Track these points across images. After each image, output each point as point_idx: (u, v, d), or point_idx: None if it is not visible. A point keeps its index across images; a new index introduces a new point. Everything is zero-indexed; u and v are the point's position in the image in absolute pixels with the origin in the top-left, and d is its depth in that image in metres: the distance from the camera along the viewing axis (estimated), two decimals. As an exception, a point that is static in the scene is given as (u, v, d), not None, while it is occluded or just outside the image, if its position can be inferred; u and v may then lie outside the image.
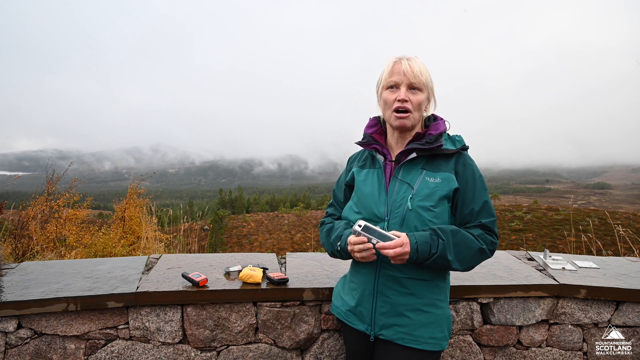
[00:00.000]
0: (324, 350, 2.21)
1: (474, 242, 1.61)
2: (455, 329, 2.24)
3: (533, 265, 2.58)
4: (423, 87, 1.66)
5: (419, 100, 1.66)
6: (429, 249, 1.55)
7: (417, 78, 1.64)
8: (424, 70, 1.66)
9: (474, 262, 1.64)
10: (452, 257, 1.57)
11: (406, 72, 1.64)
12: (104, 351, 2.06)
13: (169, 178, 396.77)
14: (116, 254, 5.61)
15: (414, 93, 1.66)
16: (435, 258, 1.56)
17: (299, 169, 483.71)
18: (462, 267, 1.62)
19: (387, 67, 1.70)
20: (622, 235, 4.46)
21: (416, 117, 1.69)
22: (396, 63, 1.67)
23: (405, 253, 1.53)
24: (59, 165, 7.23)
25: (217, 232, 40.52)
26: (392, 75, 1.67)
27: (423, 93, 1.67)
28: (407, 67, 1.64)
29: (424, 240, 1.55)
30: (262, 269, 2.28)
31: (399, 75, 1.65)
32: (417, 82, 1.64)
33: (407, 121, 1.67)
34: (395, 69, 1.67)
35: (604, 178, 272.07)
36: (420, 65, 1.66)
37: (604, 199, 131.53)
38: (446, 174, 1.67)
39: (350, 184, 1.87)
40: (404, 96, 1.64)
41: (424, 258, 1.56)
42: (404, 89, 1.65)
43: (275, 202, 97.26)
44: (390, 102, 1.68)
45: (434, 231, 1.58)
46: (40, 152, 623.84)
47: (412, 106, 1.65)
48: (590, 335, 2.29)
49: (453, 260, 1.58)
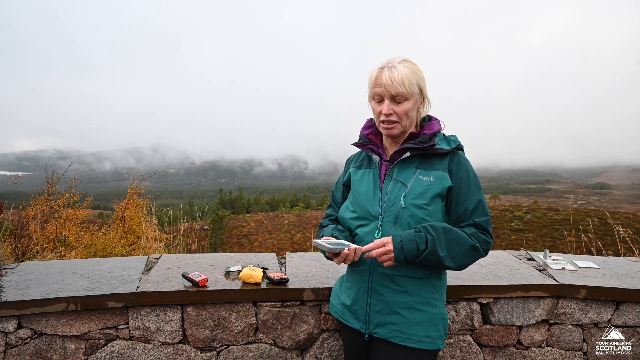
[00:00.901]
0: (324, 350, 2.21)
1: (467, 239, 1.61)
2: (455, 329, 2.24)
3: (533, 265, 2.58)
4: (408, 96, 1.64)
5: (405, 110, 1.65)
6: (416, 247, 1.55)
7: (398, 89, 1.61)
8: (407, 78, 1.61)
9: (467, 260, 1.63)
10: (444, 254, 1.57)
11: (387, 86, 1.61)
12: (104, 351, 2.06)
13: (169, 178, 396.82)
14: (116, 254, 5.62)
15: (398, 104, 1.65)
16: (426, 254, 1.56)
17: (299, 169, 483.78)
18: (455, 265, 1.61)
19: (371, 77, 1.69)
20: (622, 235, 4.46)
21: (405, 124, 1.69)
22: (378, 75, 1.65)
23: (389, 252, 1.56)
24: (59, 165, 7.23)
25: (217, 232, 40.52)
26: (375, 87, 1.66)
27: (409, 101, 1.65)
28: (387, 80, 1.61)
29: (409, 239, 1.56)
30: (262, 269, 2.28)
31: (381, 88, 1.64)
32: (399, 93, 1.62)
33: (395, 131, 1.68)
34: (377, 81, 1.65)
35: (604, 178, 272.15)
36: (403, 74, 1.61)
37: (604, 199, 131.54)
38: (440, 173, 1.67)
39: (348, 184, 1.89)
40: (386, 110, 1.64)
41: (414, 255, 1.56)
42: (387, 102, 1.64)
43: (275, 202, 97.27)
44: (377, 113, 1.70)
45: (424, 228, 1.59)
46: (40, 152, 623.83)
47: (397, 117, 1.65)
48: (590, 335, 2.29)
49: (445, 257, 1.57)
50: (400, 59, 1.66)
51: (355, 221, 1.75)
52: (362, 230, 1.72)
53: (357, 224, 1.74)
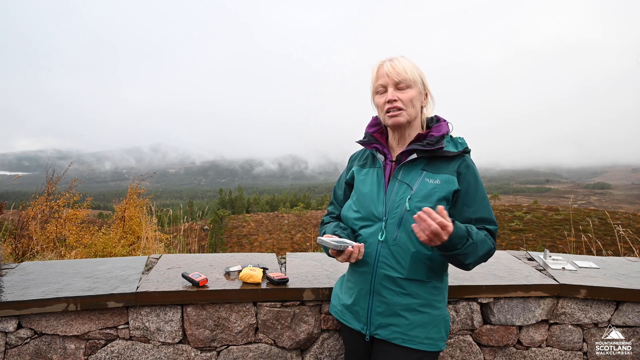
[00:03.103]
0: (324, 350, 2.21)
1: (486, 242, 1.60)
2: (455, 329, 2.24)
3: (533, 265, 2.58)
4: (411, 84, 1.66)
5: (410, 97, 1.66)
6: (458, 243, 1.51)
7: (401, 75, 1.64)
8: (408, 67, 1.65)
9: (481, 261, 1.63)
10: (471, 260, 1.57)
11: (389, 74, 1.64)
12: (104, 351, 2.06)
13: (169, 178, 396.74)
14: (116, 254, 5.62)
15: (402, 91, 1.66)
16: (455, 254, 1.53)
17: (299, 169, 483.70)
18: (471, 266, 1.61)
19: (373, 72, 1.72)
20: (622, 235, 4.46)
21: (411, 112, 1.67)
22: (380, 67, 1.69)
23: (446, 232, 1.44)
24: (59, 165, 7.23)
25: (217, 232, 40.52)
26: (378, 79, 1.69)
27: (413, 89, 1.66)
28: (389, 69, 1.65)
29: (461, 234, 1.51)
30: (262, 269, 2.28)
31: (384, 78, 1.66)
32: (402, 80, 1.64)
33: (401, 118, 1.66)
34: (379, 73, 1.68)
35: (604, 178, 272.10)
36: (404, 63, 1.66)
37: (604, 199, 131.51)
38: (446, 176, 1.65)
39: (351, 182, 1.88)
40: (391, 96, 1.65)
41: (451, 248, 1.50)
42: (391, 90, 1.66)
43: (275, 202, 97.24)
44: (381, 105, 1.70)
45: (468, 230, 1.55)
46: (40, 152, 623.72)
47: (402, 103, 1.65)
48: (590, 335, 2.29)
49: (470, 262, 1.57)
50: (399, 54, 1.70)
51: (358, 221, 1.74)
52: (366, 231, 1.71)
53: (361, 225, 1.73)
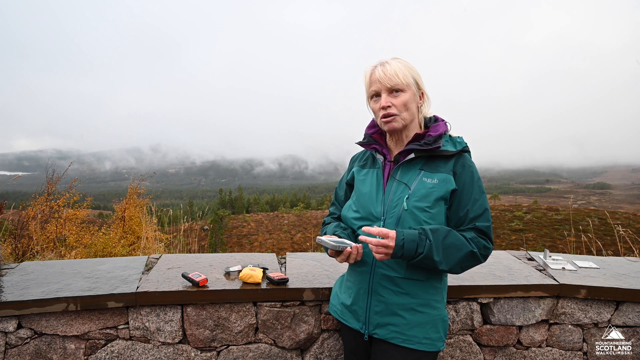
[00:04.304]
0: (324, 350, 2.21)
1: (465, 245, 1.59)
2: (455, 329, 2.24)
3: (533, 265, 2.58)
4: (404, 87, 1.65)
5: (403, 101, 1.65)
6: (415, 248, 1.53)
7: (393, 80, 1.63)
8: (400, 70, 1.64)
9: (464, 265, 1.62)
10: (439, 259, 1.56)
11: (381, 79, 1.64)
12: (104, 351, 2.06)
13: (169, 178, 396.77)
14: (116, 254, 5.61)
15: (395, 96, 1.65)
16: (422, 258, 1.55)
17: (299, 169, 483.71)
18: (450, 269, 1.60)
19: (365, 78, 1.72)
20: (622, 235, 4.47)
21: (405, 117, 1.68)
22: (372, 73, 1.68)
23: (389, 247, 1.53)
24: (59, 165, 7.22)
25: (217, 232, 40.52)
26: (371, 85, 1.69)
27: (406, 92, 1.66)
28: (380, 74, 1.64)
29: (411, 239, 1.54)
30: (262, 269, 2.28)
31: (376, 84, 1.66)
32: (394, 85, 1.63)
33: (395, 123, 1.67)
34: (372, 79, 1.68)
35: (604, 178, 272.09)
36: (396, 67, 1.65)
37: (604, 199, 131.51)
38: (444, 175, 1.66)
39: (351, 183, 1.89)
40: (384, 103, 1.65)
41: (410, 256, 1.55)
42: (384, 95, 1.66)
43: (275, 202, 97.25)
44: (376, 111, 1.71)
45: (423, 231, 1.57)
46: (40, 152, 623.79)
47: (396, 109, 1.65)
48: (590, 335, 2.29)
49: (440, 261, 1.56)
50: (392, 57, 1.69)
51: (357, 221, 1.75)
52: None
53: (360, 224, 1.73)
